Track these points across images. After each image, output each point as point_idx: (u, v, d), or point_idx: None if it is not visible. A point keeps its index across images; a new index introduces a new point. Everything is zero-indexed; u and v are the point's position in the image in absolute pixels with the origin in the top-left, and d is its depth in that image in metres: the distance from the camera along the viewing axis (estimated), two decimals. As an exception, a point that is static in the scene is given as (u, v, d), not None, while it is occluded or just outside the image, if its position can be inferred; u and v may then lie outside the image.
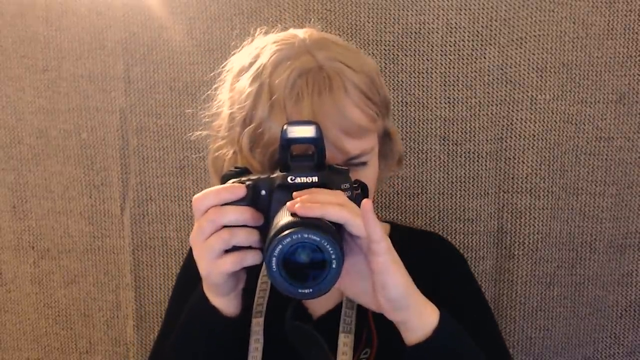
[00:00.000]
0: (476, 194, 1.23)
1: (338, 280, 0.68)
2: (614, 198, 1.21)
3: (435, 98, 1.22)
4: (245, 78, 0.85)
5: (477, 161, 1.22)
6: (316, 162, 0.76)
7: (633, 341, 1.25)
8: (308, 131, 0.75)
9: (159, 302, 1.34)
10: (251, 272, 0.82)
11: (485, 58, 1.20)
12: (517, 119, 1.21)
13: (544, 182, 1.21)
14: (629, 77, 1.18)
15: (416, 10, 1.21)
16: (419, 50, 1.22)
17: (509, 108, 1.21)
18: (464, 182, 1.23)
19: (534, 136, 1.21)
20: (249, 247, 0.74)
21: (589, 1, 1.17)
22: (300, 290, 0.68)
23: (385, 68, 1.23)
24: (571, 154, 1.21)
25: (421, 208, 1.24)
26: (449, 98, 1.22)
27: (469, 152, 1.22)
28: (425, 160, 1.24)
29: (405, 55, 1.22)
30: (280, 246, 0.66)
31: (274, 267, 0.67)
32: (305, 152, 0.77)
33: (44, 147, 1.35)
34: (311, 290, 0.68)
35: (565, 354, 1.24)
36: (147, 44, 1.29)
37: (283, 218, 0.69)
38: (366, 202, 0.70)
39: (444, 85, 1.21)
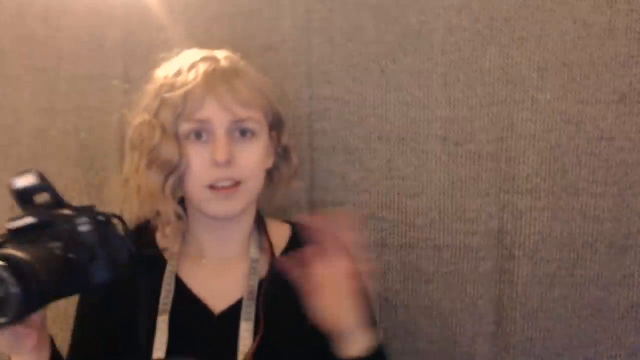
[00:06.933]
0: (476, 194, 1.22)
1: None
2: (615, 198, 1.20)
3: (435, 98, 1.22)
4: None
5: (477, 161, 1.22)
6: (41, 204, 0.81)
7: (634, 343, 1.24)
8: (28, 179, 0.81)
9: (158, 302, 1.33)
10: (155, 274, 0.99)
11: (485, 58, 1.20)
12: (517, 119, 1.20)
13: (544, 182, 1.21)
14: (631, 77, 1.18)
15: (417, 10, 1.21)
16: (419, 50, 1.21)
17: (510, 108, 1.20)
18: (464, 182, 1.22)
19: (535, 136, 1.20)
20: None
21: (590, 0, 1.17)
22: None
23: (386, 68, 1.22)
24: (572, 154, 1.20)
25: (421, 208, 1.24)
26: (449, 98, 1.21)
27: (469, 152, 1.22)
28: (425, 160, 1.23)
29: (406, 55, 1.22)
30: None
31: None
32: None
33: (42, 147, 1.34)
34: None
35: (566, 355, 1.23)
36: (146, 44, 1.29)
37: None
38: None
39: (444, 85, 1.21)
